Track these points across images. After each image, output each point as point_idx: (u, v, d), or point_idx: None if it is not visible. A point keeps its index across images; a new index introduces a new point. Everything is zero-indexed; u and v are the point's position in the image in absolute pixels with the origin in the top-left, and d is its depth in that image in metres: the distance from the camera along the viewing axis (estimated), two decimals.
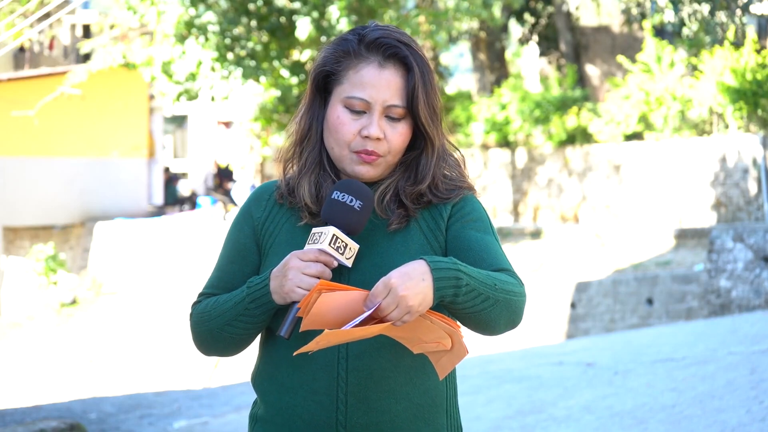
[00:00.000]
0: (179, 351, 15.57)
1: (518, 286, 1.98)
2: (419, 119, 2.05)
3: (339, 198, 1.97)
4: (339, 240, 1.94)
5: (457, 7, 17.55)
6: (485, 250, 2.03)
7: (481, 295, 1.90)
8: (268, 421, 2.08)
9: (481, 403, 6.53)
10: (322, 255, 1.93)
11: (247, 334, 2.06)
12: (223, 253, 2.17)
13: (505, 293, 1.94)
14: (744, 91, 15.55)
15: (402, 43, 2.04)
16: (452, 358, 1.90)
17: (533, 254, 16.09)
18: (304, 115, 2.12)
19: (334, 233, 1.93)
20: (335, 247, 1.93)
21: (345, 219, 1.96)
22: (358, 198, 1.97)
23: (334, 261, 1.94)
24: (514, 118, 18.96)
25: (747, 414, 5.19)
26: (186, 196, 25.52)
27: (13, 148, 21.05)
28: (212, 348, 2.11)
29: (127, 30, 20.33)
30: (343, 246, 1.94)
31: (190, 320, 2.13)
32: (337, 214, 1.96)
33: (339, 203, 1.96)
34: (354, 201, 1.96)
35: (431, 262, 1.86)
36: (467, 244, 2.03)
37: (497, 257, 2.03)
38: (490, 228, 2.09)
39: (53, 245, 20.17)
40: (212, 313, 2.07)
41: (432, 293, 1.84)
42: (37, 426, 6.09)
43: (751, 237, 10.92)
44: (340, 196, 1.97)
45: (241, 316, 2.02)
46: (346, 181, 2.01)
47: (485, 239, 2.05)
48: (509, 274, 2.00)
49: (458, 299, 1.88)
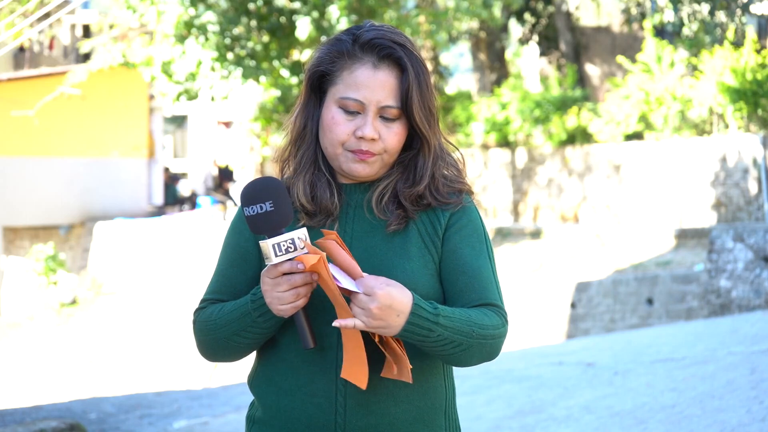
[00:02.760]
0: (179, 351, 15.57)
1: (499, 328, 1.99)
2: (414, 120, 2.04)
3: (251, 213, 1.92)
4: (281, 244, 1.89)
5: (457, 7, 17.55)
6: (478, 278, 2.03)
7: (452, 342, 1.93)
8: (266, 423, 2.07)
9: (481, 403, 6.53)
10: (281, 266, 1.89)
11: (255, 343, 2.06)
12: (223, 257, 2.15)
13: (481, 338, 1.96)
14: (744, 91, 15.55)
15: (396, 44, 2.04)
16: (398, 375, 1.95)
17: (533, 254, 16.09)
18: (299, 114, 2.12)
19: (272, 244, 1.89)
20: (284, 251, 1.89)
21: (268, 225, 1.91)
22: (266, 200, 1.91)
23: (296, 264, 1.90)
24: (514, 118, 18.96)
25: (747, 414, 5.19)
26: (186, 196, 25.52)
27: (13, 148, 21.06)
28: (218, 355, 2.10)
29: (127, 30, 20.32)
30: (289, 244, 1.89)
31: (194, 327, 2.11)
32: (260, 225, 1.91)
33: (254, 217, 1.91)
34: (264, 206, 1.91)
35: (415, 306, 1.88)
36: (461, 267, 2.04)
37: (488, 289, 2.03)
38: (485, 245, 2.09)
39: (53, 245, 20.17)
40: (218, 322, 2.05)
41: (397, 331, 1.88)
42: (37, 426, 6.08)
43: (751, 237, 10.91)
44: (250, 210, 1.92)
45: (250, 327, 2.01)
46: (245, 190, 1.95)
47: (479, 264, 2.04)
48: (495, 311, 2.01)
49: (425, 345, 1.93)
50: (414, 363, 2.01)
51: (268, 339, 2.06)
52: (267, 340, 2.06)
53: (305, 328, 1.92)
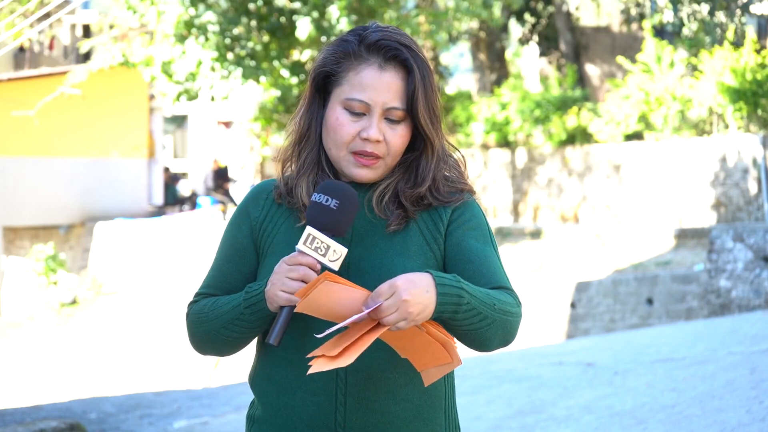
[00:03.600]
0: (179, 351, 15.56)
1: (515, 307, 1.99)
2: (419, 122, 2.04)
3: (316, 199, 1.95)
4: (317, 240, 1.91)
5: (457, 7, 17.56)
6: (485, 264, 2.03)
7: (479, 314, 1.90)
8: (266, 422, 2.07)
9: (481, 403, 6.53)
10: (303, 257, 1.91)
11: (243, 338, 2.06)
12: (220, 253, 2.15)
13: (503, 314, 1.94)
14: (744, 91, 15.55)
15: (403, 45, 2.03)
16: (442, 368, 1.90)
17: (533, 254, 16.09)
18: (303, 115, 2.11)
19: (309, 233, 1.92)
20: (313, 248, 1.91)
21: (322, 219, 1.93)
22: (335, 197, 1.95)
23: (317, 263, 1.91)
24: (514, 118, 18.97)
25: (747, 414, 5.19)
26: (186, 196, 25.52)
27: (13, 148, 21.06)
28: (208, 348, 2.10)
29: (127, 30, 20.32)
30: (324, 247, 1.91)
31: (187, 319, 2.12)
32: (315, 214, 1.94)
33: (316, 204, 1.95)
34: (330, 201, 1.94)
35: (437, 277, 1.86)
36: (468, 256, 2.03)
37: (497, 273, 2.03)
38: (489, 237, 2.09)
39: (53, 245, 20.17)
40: (209, 314, 2.06)
41: (434, 307, 1.84)
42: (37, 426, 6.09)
43: (751, 237, 10.91)
44: (317, 197, 1.95)
45: (236, 320, 2.02)
46: (328, 182, 2.00)
47: (485, 252, 2.05)
48: (508, 293, 2.00)
49: (457, 317, 1.89)
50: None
51: (254, 337, 2.06)
52: (253, 338, 2.06)
53: (282, 326, 1.91)
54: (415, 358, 1.91)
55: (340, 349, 1.84)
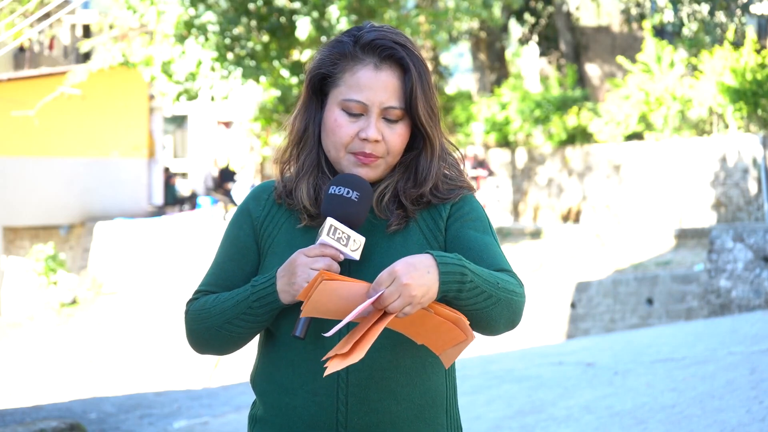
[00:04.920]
0: (179, 351, 15.56)
1: (519, 287, 1.98)
2: (418, 120, 2.04)
3: (335, 191, 1.97)
4: (338, 231, 1.94)
5: (457, 7, 17.56)
6: (485, 250, 2.03)
7: (484, 292, 1.90)
8: (268, 422, 2.07)
9: (481, 403, 6.53)
10: (326, 248, 1.93)
11: (246, 333, 2.05)
12: (222, 251, 2.15)
13: (507, 292, 1.94)
14: (744, 91, 15.56)
15: (398, 44, 2.03)
16: (459, 346, 1.89)
17: (533, 254, 16.09)
18: (299, 117, 2.11)
19: (331, 224, 1.94)
20: (335, 238, 1.93)
21: (342, 210, 1.96)
22: (355, 189, 1.97)
23: (339, 254, 1.93)
24: (514, 118, 18.98)
25: (747, 414, 5.19)
26: (186, 196, 25.52)
27: (13, 148, 21.06)
28: (208, 346, 2.09)
29: (127, 30, 20.32)
30: (345, 237, 1.94)
31: (186, 317, 2.11)
32: (335, 206, 1.97)
33: (335, 196, 1.97)
34: (351, 192, 1.97)
35: (437, 256, 1.85)
36: (467, 243, 2.03)
37: (497, 257, 2.03)
38: (489, 228, 2.09)
39: (53, 245, 20.17)
40: (212, 310, 2.05)
41: (437, 286, 1.83)
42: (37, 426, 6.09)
43: (751, 237, 10.91)
44: (336, 189, 1.98)
45: (243, 314, 2.01)
46: (343, 175, 2.01)
47: (485, 239, 2.05)
48: (510, 275, 2.00)
49: (462, 295, 1.88)
50: (416, 361, 2.02)
51: (257, 332, 2.05)
52: (256, 333, 2.06)
53: (307, 319, 1.90)
54: (430, 341, 1.91)
55: (351, 345, 1.84)
